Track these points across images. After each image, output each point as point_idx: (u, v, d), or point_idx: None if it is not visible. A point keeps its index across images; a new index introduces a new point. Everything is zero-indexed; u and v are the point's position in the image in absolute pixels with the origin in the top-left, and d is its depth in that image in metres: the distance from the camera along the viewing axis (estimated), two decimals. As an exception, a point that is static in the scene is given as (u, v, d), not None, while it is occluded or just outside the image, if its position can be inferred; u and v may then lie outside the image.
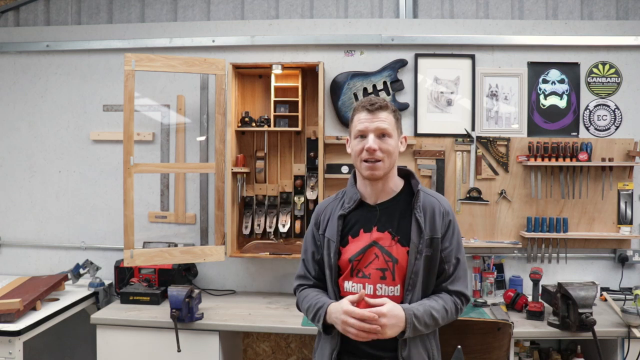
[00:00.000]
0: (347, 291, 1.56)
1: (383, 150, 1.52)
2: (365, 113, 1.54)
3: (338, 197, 1.69)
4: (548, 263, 2.85)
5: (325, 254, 1.60)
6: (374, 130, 1.52)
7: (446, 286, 1.57)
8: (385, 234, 1.55)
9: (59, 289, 2.71)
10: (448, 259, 1.56)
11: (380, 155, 1.52)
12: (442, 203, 1.60)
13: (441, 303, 1.53)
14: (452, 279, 1.57)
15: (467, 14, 2.97)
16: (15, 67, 3.10)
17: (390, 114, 1.55)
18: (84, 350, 3.07)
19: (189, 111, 3.00)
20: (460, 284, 1.58)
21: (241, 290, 2.98)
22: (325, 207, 1.69)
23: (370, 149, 1.50)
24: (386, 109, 1.54)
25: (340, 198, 1.67)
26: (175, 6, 3.08)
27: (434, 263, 1.54)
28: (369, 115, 1.53)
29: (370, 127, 1.52)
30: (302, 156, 2.93)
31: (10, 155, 3.13)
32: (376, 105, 1.53)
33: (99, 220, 3.06)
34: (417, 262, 1.51)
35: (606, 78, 2.86)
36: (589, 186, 2.84)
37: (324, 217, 1.66)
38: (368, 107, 1.53)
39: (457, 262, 1.58)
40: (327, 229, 1.62)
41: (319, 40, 2.91)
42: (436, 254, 1.54)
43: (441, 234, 1.55)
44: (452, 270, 1.57)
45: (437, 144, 2.88)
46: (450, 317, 1.56)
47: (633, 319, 2.27)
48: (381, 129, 1.52)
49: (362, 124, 1.53)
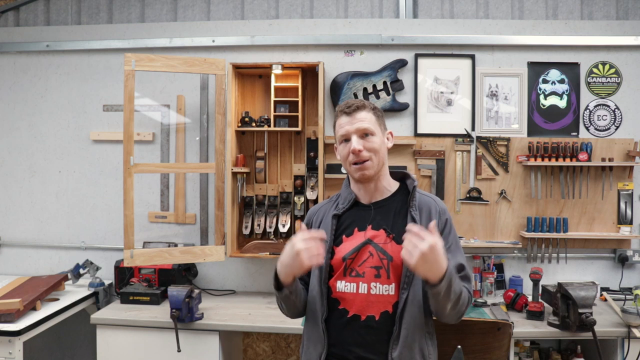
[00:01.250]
0: (339, 291, 1.52)
1: (368, 149, 1.52)
2: (345, 117, 1.55)
3: (332, 200, 1.68)
4: (548, 263, 2.85)
5: None
6: (355, 132, 1.53)
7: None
8: (380, 232, 1.53)
9: (59, 289, 2.71)
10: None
11: (367, 154, 1.52)
12: (438, 203, 1.60)
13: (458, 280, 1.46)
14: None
15: (467, 14, 2.97)
16: (15, 67, 3.10)
17: (369, 112, 1.55)
18: (84, 350, 3.07)
19: (189, 111, 3.00)
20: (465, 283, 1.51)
21: (241, 290, 2.98)
22: (318, 210, 1.68)
23: (355, 150, 1.51)
24: (364, 109, 1.55)
25: (334, 200, 1.67)
26: (175, 6, 3.09)
27: None
28: (348, 118, 1.54)
29: (351, 129, 1.53)
30: (302, 156, 2.93)
31: (10, 155, 3.13)
32: (353, 107, 1.54)
33: (99, 220, 3.06)
34: None
35: (606, 78, 2.86)
36: (589, 186, 2.84)
37: (316, 218, 1.66)
38: (346, 110, 1.55)
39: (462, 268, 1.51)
40: (321, 229, 1.59)
41: (319, 40, 2.91)
42: None
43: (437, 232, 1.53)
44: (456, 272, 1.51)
45: (437, 144, 2.88)
46: (462, 304, 1.47)
47: (633, 319, 2.27)
48: (362, 129, 1.53)
49: (342, 128, 1.55)
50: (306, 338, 1.59)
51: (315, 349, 1.52)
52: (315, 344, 1.52)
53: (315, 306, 1.54)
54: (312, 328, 1.55)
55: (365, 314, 1.49)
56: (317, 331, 1.52)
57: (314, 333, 1.54)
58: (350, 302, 1.51)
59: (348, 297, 1.51)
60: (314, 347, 1.53)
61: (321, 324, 1.52)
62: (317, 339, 1.52)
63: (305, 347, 1.58)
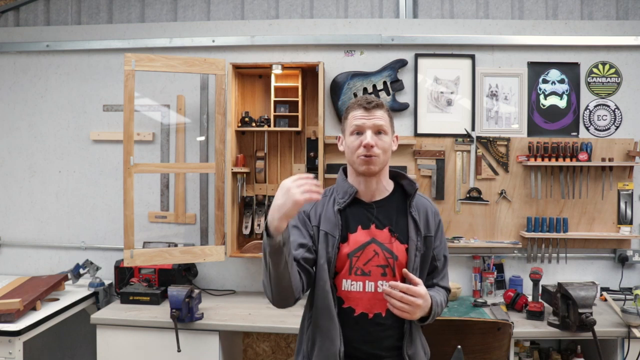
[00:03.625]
0: (344, 290, 1.54)
1: (379, 147, 1.54)
2: (362, 111, 1.55)
3: (326, 194, 1.64)
4: (548, 263, 2.85)
5: (322, 247, 1.55)
6: (371, 127, 1.54)
7: (437, 282, 1.65)
8: (384, 231, 1.56)
9: (59, 289, 2.71)
10: (439, 257, 1.64)
11: (377, 151, 1.53)
12: (432, 204, 1.68)
13: (441, 297, 1.60)
14: (442, 276, 1.66)
15: (467, 14, 2.97)
16: (15, 67, 3.10)
17: (385, 113, 1.58)
18: (84, 350, 3.07)
19: (189, 111, 3.00)
20: (447, 281, 1.69)
21: (241, 290, 2.98)
22: (315, 204, 1.62)
23: (368, 145, 1.52)
24: (382, 108, 1.57)
25: (330, 195, 1.63)
26: (175, 6, 3.09)
27: (426, 260, 1.60)
28: (365, 113, 1.55)
29: (368, 123, 1.54)
30: (302, 156, 2.93)
31: (10, 155, 3.13)
32: (373, 103, 1.56)
33: (99, 220, 3.06)
34: (416, 259, 1.55)
35: (606, 78, 2.86)
36: (589, 186, 2.84)
37: (314, 212, 1.61)
38: (365, 104, 1.55)
39: (444, 260, 1.67)
40: (322, 222, 1.57)
41: (319, 40, 2.91)
42: (428, 252, 1.60)
43: (433, 232, 1.62)
44: (442, 268, 1.66)
45: (437, 144, 2.88)
46: (441, 311, 1.62)
47: (633, 319, 2.27)
48: (378, 125, 1.54)
49: (359, 120, 1.55)
50: (320, 335, 1.55)
51: (333, 344, 1.51)
52: (333, 339, 1.51)
53: (327, 301, 1.53)
54: (327, 324, 1.53)
55: (372, 312, 1.53)
56: (334, 327, 1.51)
57: (331, 329, 1.52)
58: (357, 301, 1.53)
59: (354, 295, 1.54)
60: (331, 343, 1.51)
61: (336, 319, 1.52)
62: (335, 334, 1.51)
63: (319, 344, 1.54)
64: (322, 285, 1.54)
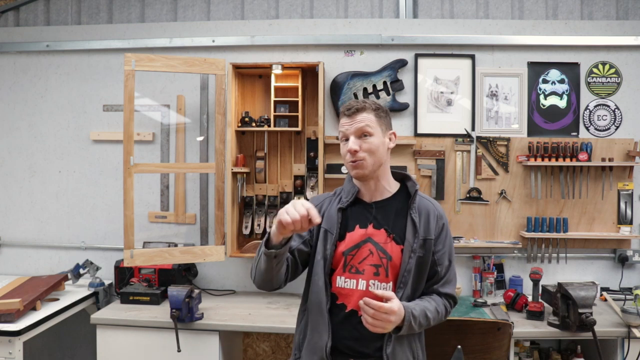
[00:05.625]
0: (338, 286, 1.57)
1: (364, 149, 1.56)
2: (345, 118, 1.60)
3: (336, 193, 1.71)
4: (548, 263, 2.85)
5: (321, 244, 1.60)
6: (354, 132, 1.57)
7: (437, 288, 1.61)
8: (380, 231, 1.58)
9: (59, 289, 2.71)
10: (440, 261, 1.60)
11: (362, 154, 1.56)
12: (436, 207, 1.66)
13: (434, 305, 1.57)
14: (443, 282, 1.61)
15: (467, 14, 2.97)
16: (15, 67, 3.11)
17: (370, 113, 1.58)
18: (84, 350, 3.07)
19: (189, 111, 3.00)
20: (451, 287, 1.63)
21: (241, 290, 2.98)
22: (322, 201, 1.69)
23: (351, 150, 1.56)
24: (363, 110, 1.58)
25: (337, 194, 1.69)
26: (175, 6, 3.09)
27: (425, 264, 1.58)
28: (348, 120, 1.59)
29: (350, 129, 1.58)
30: (302, 156, 2.93)
31: (10, 155, 3.13)
32: (353, 109, 1.58)
33: (99, 220, 3.06)
34: (411, 260, 1.55)
35: (606, 78, 2.86)
36: (589, 186, 2.84)
37: (319, 207, 1.66)
38: (345, 112, 1.60)
39: (449, 265, 1.62)
40: (324, 219, 1.62)
41: (319, 40, 2.91)
42: (428, 256, 1.58)
43: (434, 236, 1.60)
44: (444, 273, 1.61)
45: (437, 144, 2.88)
46: (440, 319, 1.60)
47: (633, 319, 2.27)
48: (359, 128, 1.57)
49: (343, 127, 1.60)
50: (310, 328, 1.59)
51: (320, 338, 1.55)
52: (321, 333, 1.55)
53: (320, 296, 1.57)
54: (317, 318, 1.57)
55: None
56: (323, 321, 1.55)
57: (320, 324, 1.56)
58: (349, 298, 1.56)
59: (347, 292, 1.56)
60: (319, 337, 1.55)
61: (326, 314, 1.55)
62: (323, 328, 1.55)
63: (309, 337, 1.59)
64: (317, 281, 1.58)
